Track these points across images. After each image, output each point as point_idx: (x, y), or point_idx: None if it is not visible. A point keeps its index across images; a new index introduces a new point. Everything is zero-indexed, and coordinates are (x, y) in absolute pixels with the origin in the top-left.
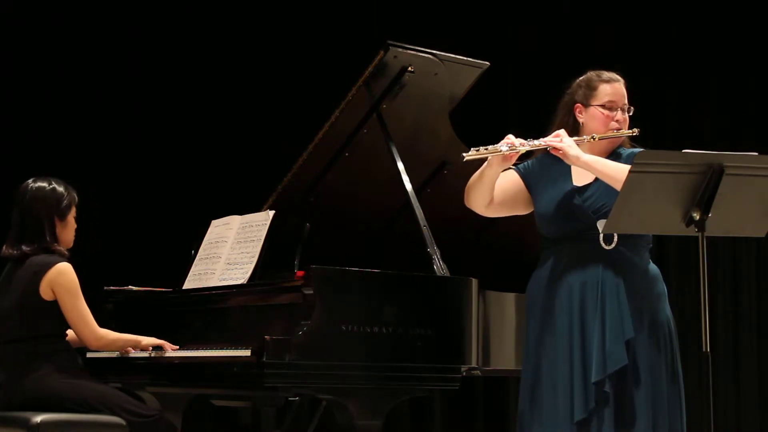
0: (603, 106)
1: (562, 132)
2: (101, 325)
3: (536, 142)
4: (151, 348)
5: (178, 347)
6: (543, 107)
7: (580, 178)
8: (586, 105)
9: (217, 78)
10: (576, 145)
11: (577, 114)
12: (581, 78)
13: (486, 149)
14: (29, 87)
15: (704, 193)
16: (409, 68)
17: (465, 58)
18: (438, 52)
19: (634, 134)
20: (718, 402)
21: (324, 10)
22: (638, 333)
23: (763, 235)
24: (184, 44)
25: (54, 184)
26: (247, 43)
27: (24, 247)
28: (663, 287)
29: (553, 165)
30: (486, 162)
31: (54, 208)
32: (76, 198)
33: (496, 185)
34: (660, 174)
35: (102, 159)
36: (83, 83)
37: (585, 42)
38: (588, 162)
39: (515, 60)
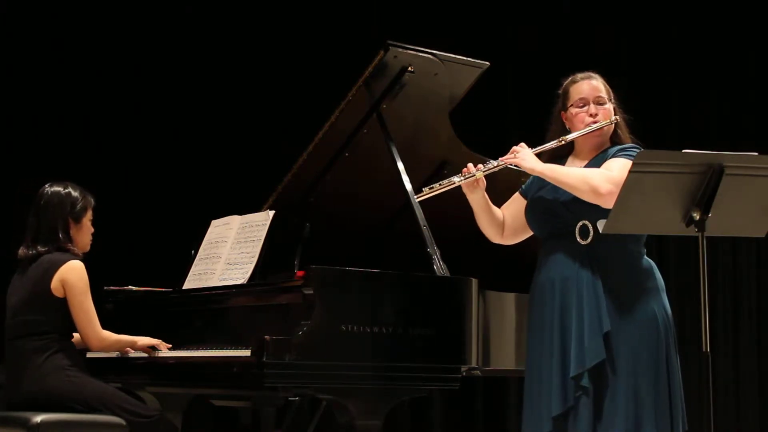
0: (574, 105)
1: (519, 146)
2: (101, 326)
3: (494, 163)
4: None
5: (171, 346)
6: (543, 107)
7: None
8: (566, 110)
9: (217, 78)
10: (532, 156)
11: (564, 121)
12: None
13: (440, 184)
14: (29, 87)
15: (704, 193)
16: (409, 68)
17: (465, 58)
18: (438, 52)
19: (611, 123)
20: (718, 402)
21: (324, 10)
22: (618, 327)
23: (763, 235)
24: (184, 44)
25: (69, 188)
26: (247, 44)
27: (39, 248)
28: (655, 282)
29: None
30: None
31: (68, 211)
32: (92, 202)
33: (507, 213)
34: (660, 174)
35: (102, 159)
36: (83, 83)
37: (585, 42)
38: (542, 171)
39: (515, 60)
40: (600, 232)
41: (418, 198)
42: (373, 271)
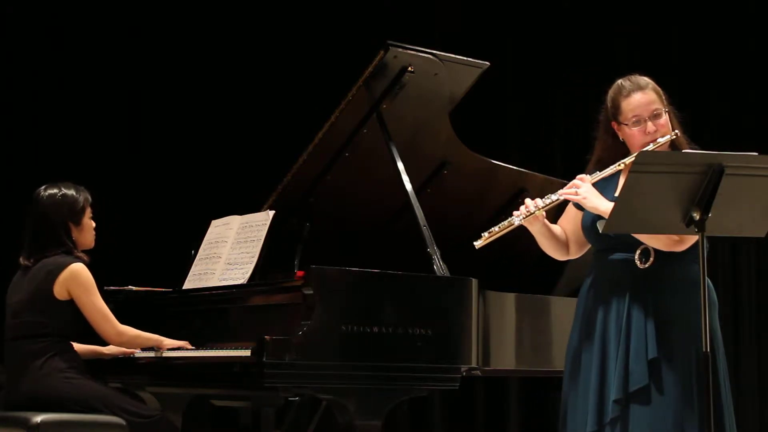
0: (629, 123)
1: (580, 180)
2: None
3: (552, 198)
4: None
5: (195, 347)
6: (543, 107)
7: None
8: (619, 123)
9: (217, 78)
10: (595, 193)
11: (617, 131)
12: (609, 91)
13: (499, 227)
14: (28, 86)
15: (704, 193)
16: (409, 68)
17: (465, 58)
18: (438, 52)
19: (671, 138)
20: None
21: (324, 11)
22: (666, 351)
23: (763, 235)
24: (185, 45)
25: (64, 189)
26: (247, 44)
27: (42, 254)
28: (714, 302)
29: (603, 179)
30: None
31: (67, 215)
32: (90, 198)
33: (568, 228)
34: (660, 174)
35: (102, 159)
36: (83, 83)
37: (584, 42)
38: (608, 211)
39: (515, 60)
40: (600, 231)
41: (476, 245)
42: (373, 271)
